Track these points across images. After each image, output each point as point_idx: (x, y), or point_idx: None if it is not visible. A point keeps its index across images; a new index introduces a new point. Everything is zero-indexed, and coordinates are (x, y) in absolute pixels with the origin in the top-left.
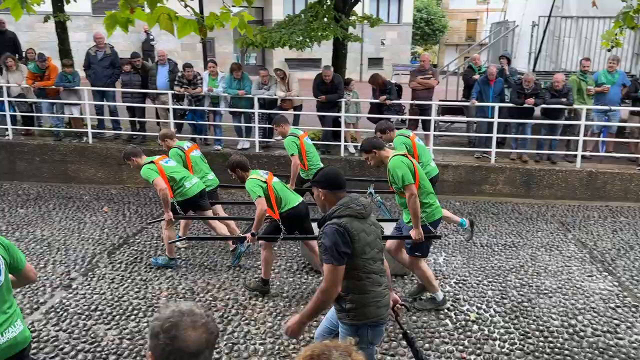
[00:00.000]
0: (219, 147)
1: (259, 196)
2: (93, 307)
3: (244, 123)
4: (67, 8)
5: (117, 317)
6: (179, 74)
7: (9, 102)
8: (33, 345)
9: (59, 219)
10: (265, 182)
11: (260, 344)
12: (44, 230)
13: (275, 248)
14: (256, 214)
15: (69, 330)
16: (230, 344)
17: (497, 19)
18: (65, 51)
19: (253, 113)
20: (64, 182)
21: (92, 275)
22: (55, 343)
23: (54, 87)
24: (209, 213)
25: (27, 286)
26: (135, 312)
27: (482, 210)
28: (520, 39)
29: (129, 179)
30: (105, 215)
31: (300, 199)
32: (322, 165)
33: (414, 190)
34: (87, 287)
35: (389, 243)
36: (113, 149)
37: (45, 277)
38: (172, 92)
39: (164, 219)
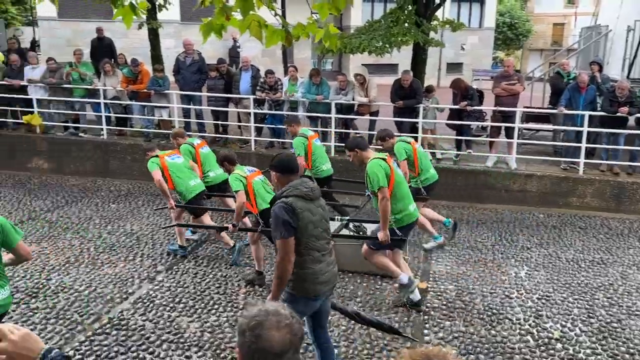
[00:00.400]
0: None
1: (238, 190)
2: (177, 299)
3: (321, 128)
4: (159, 16)
5: (199, 310)
6: (261, 79)
7: (105, 104)
8: (122, 333)
9: (147, 215)
10: (245, 177)
11: (335, 347)
12: (134, 224)
13: None
14: (236, 206)
15: (154, 321)
16: (304, 344)
17: (587, 23)
18: (156, 57)
19: (330, 118)
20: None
21: (176, 269)
22: (142, 332)
23: (145, 90)
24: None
25: (111, 276)
26: (216, 306)
27: (568, 223)
28: (614, 44)
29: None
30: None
31: None
32: (328, 166)
33: (386, 194)
34: (172, 280)
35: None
36: None
37: (133, 269)
38: (254, 96)
39: (168, 207)
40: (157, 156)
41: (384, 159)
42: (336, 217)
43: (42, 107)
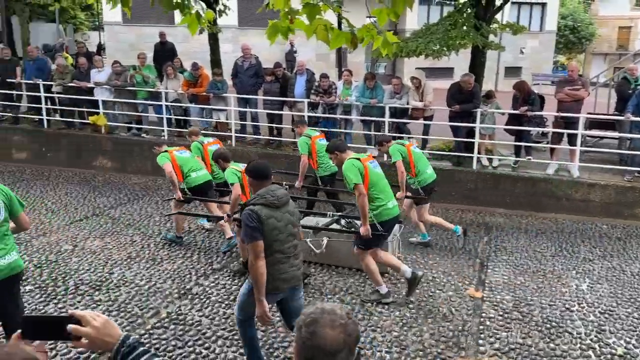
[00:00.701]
0: None
1: (233, 183)
2: (232, 297)
3: (374, 131)
4: (217, 21)
5: None
6: (316, 83)
7: (166, 106)
8: (179, 328)
9: (204, 214)
10: (240, 172)
11: (387, 352)
12: (192, 223)
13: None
14: (231, 198)
15: (210, 317)
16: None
17: None
18: (215, 61)
19: (383, 122)
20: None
21: (233, 267)
22: (199, 328)
23: (204, 93)
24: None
25: (170, 272)
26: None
27: (633, 235)
28: None
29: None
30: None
31: None
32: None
33: (362, 190)
34: (227, 277)
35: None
36: (252, 152)
37: (191, 266)
38: (308, 100)
39: (174, 198)
40: (166, 151)
41: (358, 159)
42: (328, 212)
43: (107, 108)
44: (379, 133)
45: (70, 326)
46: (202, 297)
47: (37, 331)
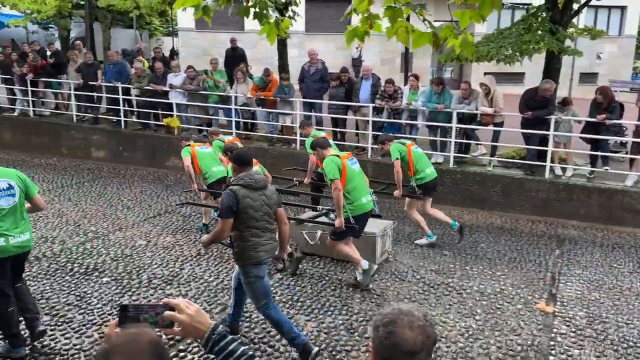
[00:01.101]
0: None
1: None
2: (295, 298)
3: (440, 137)
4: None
5: (316, 310)
6: (381, 88)
7: (235, 109)
8: (245, 324)
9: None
10: None
11: None
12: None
13: None
14: None
15: None
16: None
17: None
18: (283, 66)
19: (450, 127)
20: (273, 183)
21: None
22: (264, 326)
23: (272, 97)
24: None
25: None
26: (332, 308)
27: None
28: None
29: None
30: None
31: None
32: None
33: (337, 185)
34: (291, 279)
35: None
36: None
37: None
38: (373, 105)
39: (191, 190)
40: (189, 145)
41: (337, 156)
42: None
43: (180, 111)
44: (445, 139)
45: (167, 313)
46: None
47: (133, 319)
